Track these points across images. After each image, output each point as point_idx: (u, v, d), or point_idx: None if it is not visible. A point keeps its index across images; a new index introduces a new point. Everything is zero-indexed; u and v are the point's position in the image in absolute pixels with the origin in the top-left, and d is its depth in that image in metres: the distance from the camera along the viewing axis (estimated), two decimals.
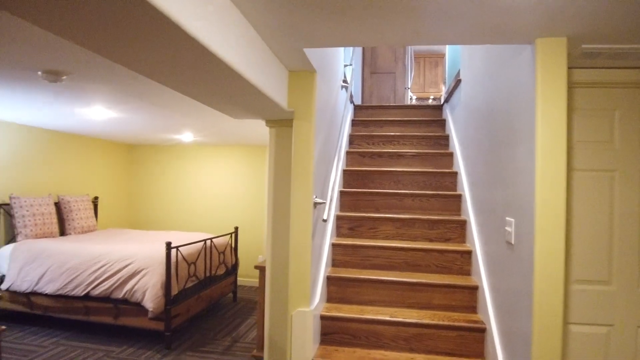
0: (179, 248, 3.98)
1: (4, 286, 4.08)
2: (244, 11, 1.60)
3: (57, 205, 5.09)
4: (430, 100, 6.59)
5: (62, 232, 5.04)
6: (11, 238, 4.58)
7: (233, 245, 5.34)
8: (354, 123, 4.71)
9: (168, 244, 3.74)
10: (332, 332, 2.63)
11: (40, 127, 4.94)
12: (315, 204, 2.42)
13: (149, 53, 1.37)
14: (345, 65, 4.00)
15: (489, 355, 2.40)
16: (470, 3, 1.48)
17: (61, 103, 3.45)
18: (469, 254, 2.97)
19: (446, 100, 4.48)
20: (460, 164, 3.55)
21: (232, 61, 1.52)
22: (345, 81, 3.99)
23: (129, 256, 3.89)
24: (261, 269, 3.54)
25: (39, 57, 2.22)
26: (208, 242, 4.58)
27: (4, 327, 1.79)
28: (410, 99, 6.67)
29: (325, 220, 2.52)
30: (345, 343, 2.60)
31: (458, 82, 3.75)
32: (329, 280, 2.87)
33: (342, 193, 3.64)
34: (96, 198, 5.86)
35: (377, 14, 1.58)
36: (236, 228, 5.32)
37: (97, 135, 5.58)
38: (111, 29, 1.16)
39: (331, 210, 2.65)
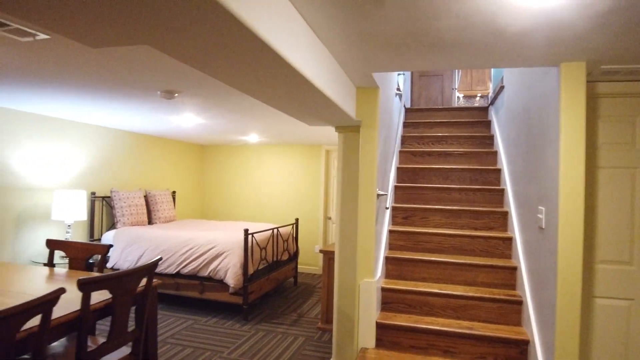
0: (254, 234, 4.64)
1: (109, 265, 4.91)
2: (329, 47, 2.13)
3: (145, 198, 5.94)
4: (477, 98, 6.83)
5: (150, 221, 5.87)
6: (111, 225, 5.44)
7: (294, 234, 5.97)
8: (405, 125, 5.10)
9: (246, 231, 4.39)
10: (391, 301, 3.14)
11: (134, 132, 5.79)
12: (378, 195, 2.95)
13: (263, 81, 1.86)
14: (399, 74, 4.47)
15: (524, 323, 2.83)
16: (506, 41, 1.94)
17: (162, 113, 4.17)
18: (509, 240, 3.38)
19: (491, 103, 4.82)
20: (503, 162, 3.90)
21: (319, 84, 2.01)
22: (398, 89, 4.47)
23: (213, 241, 4.59)
24: (325, 253, 4.12)
25: (159, 80, 2.87)
26: (275, 230, 5.23)
27: (159, 281, 2.40)
28: (458, 98, 6.94)
29: (387, 208, 3.04)
30: (402, 311, 3.11)
31: (501, 88, 4.11)
32: (387, 260, 3.38)
33: (396, 187, 4.11)
34: (174, 192, 6.68)
35: (432, 50, 2.07)
36: (297, 219, 5.95)
37: (176, 137, 6.39)
38: (246, 70, 1.71)
39: (388, 201, 3.15)
